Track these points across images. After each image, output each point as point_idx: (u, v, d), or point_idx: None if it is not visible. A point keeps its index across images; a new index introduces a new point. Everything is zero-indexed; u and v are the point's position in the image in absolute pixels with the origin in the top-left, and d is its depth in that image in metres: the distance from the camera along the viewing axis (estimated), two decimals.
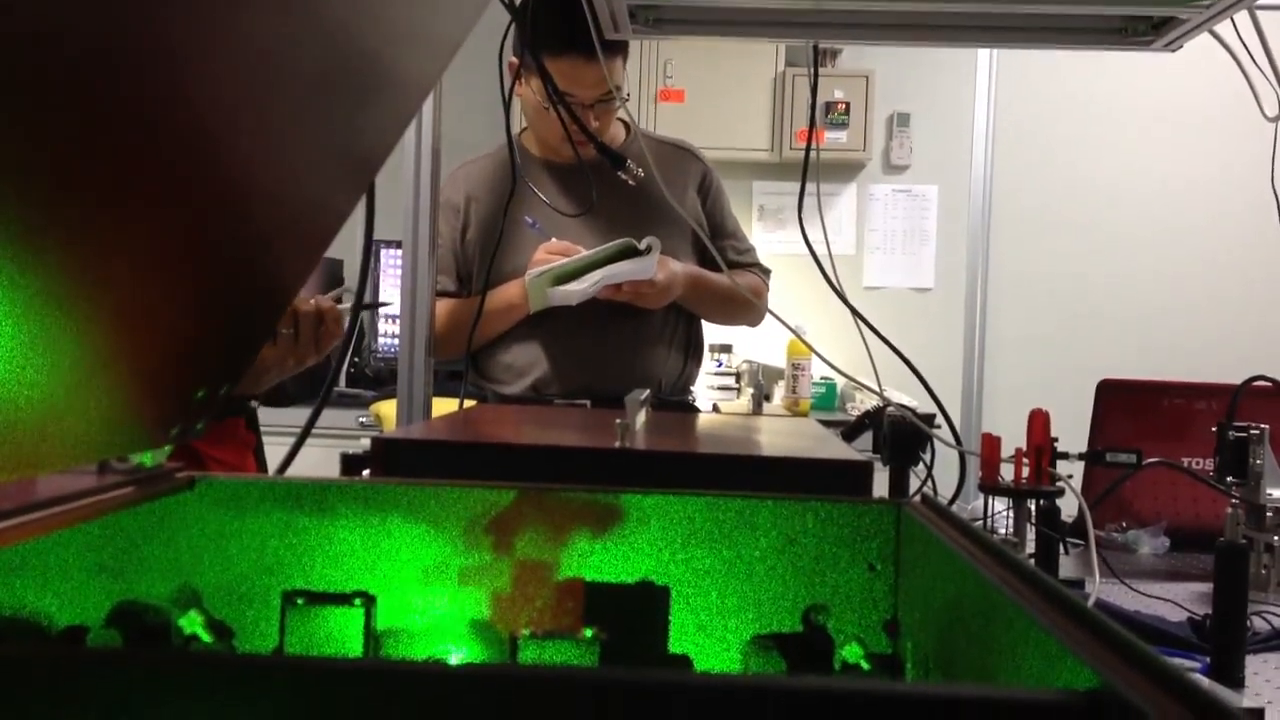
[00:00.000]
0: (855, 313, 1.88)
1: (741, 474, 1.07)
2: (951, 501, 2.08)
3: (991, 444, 1.75)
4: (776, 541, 0.83)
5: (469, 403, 2.25)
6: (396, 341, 3.07)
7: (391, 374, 3.77)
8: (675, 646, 0.84)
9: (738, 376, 4.21)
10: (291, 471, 1.36)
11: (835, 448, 1.24)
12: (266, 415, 1.91)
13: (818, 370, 4.10)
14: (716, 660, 0.84)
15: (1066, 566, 1.88)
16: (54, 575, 0.78)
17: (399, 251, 2.26)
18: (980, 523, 1.90)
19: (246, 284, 0.82)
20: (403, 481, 0.85)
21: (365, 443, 1.13)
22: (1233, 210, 4.56)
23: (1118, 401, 2.20)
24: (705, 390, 4.02)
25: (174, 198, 0.66)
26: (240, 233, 0.77)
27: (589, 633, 0.74)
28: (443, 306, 2.35)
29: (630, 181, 2.24)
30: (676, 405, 2.48)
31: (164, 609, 0.84)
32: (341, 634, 0.81)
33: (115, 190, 0.60)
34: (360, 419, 3.70)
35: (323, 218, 0.87)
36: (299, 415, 2.54)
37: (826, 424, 1.81)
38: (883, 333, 1.88)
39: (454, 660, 0.82)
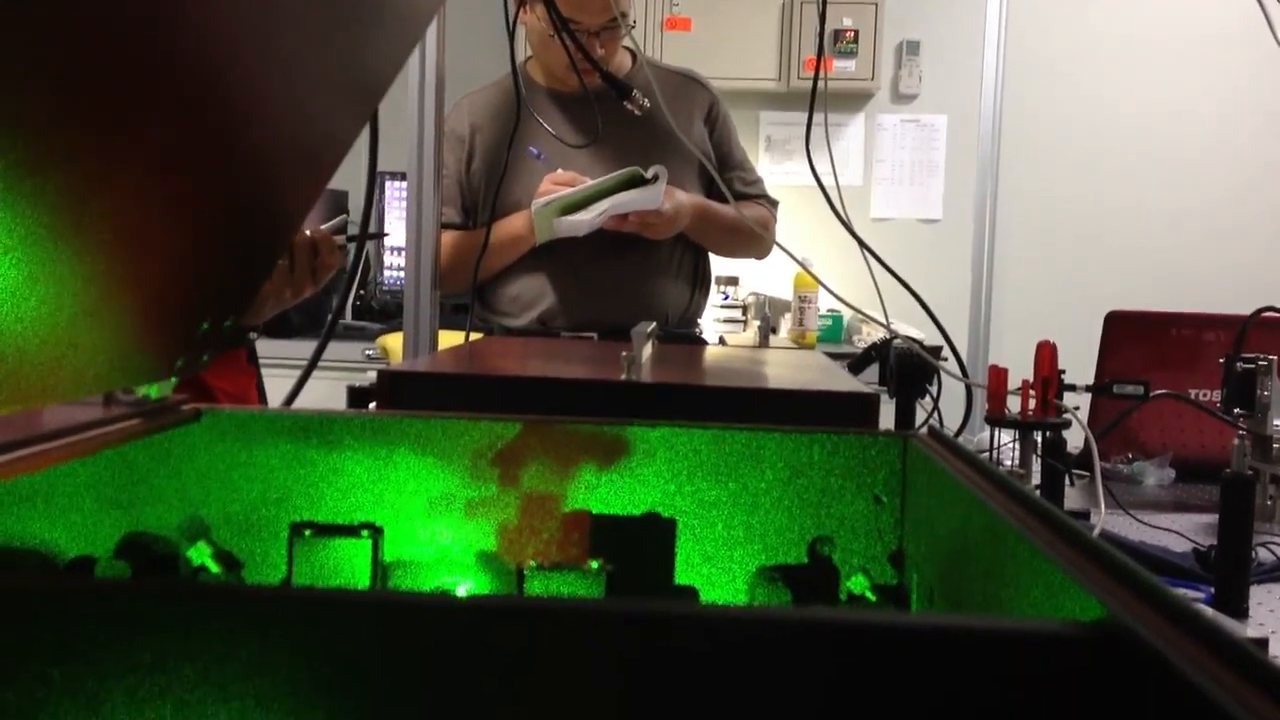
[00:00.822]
0: (862, 244, 1.87)
1: (747, 406, 1.07)
2: (958, 434, 2.09)
3: (998, 376, 1.75)
4: (782, 474, 0.83)
5: (475, 336, 2.25)
6: (402, 274, 3.07)
7: (398, 307, 3.76)
8: (682, 578, 0.84)
9: (744, 309, 4.20)
10: (297, 404, 1.36)
11: (842, 380, 1.24)
12: (271, 348, 1.91)
13: (824, 303, 4.09)
14: (723, 591, 0.84)
15: (1072, 498, 1.88)
16: (62, 507, 0.78)
17: (404, 183, 2.25)
18: (986, 455, 1.91)
19: (250, 214, 0.82)
20: (409, 414, 0.85)
21: (372, 375, 1.13)
22: (1244, 139, 4.52)
23: (1126, 333, 2.19)
24: (711, 323, 4.01)
25: (176, 126, 0.65)
26: (243, 162, 0.76)
27: (595, 564, 0.75)
28: (448, 239, 2.33)
29: (636, 111, 2.22)
30: (683, 338, 2.48)
31: (172, 540, 0.84)
32: (349, 565, 0.82)
33: (117, 120, 0.59)
34: (366, 352, 3.70)
35: (326, 146, 0.87)
36: (303, 348, 2.54)
37: (833, 356, 1.81)
38: (890, 265, 1.87)
39: (461, 591, 0.82)
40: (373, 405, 1.19)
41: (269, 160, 0.79)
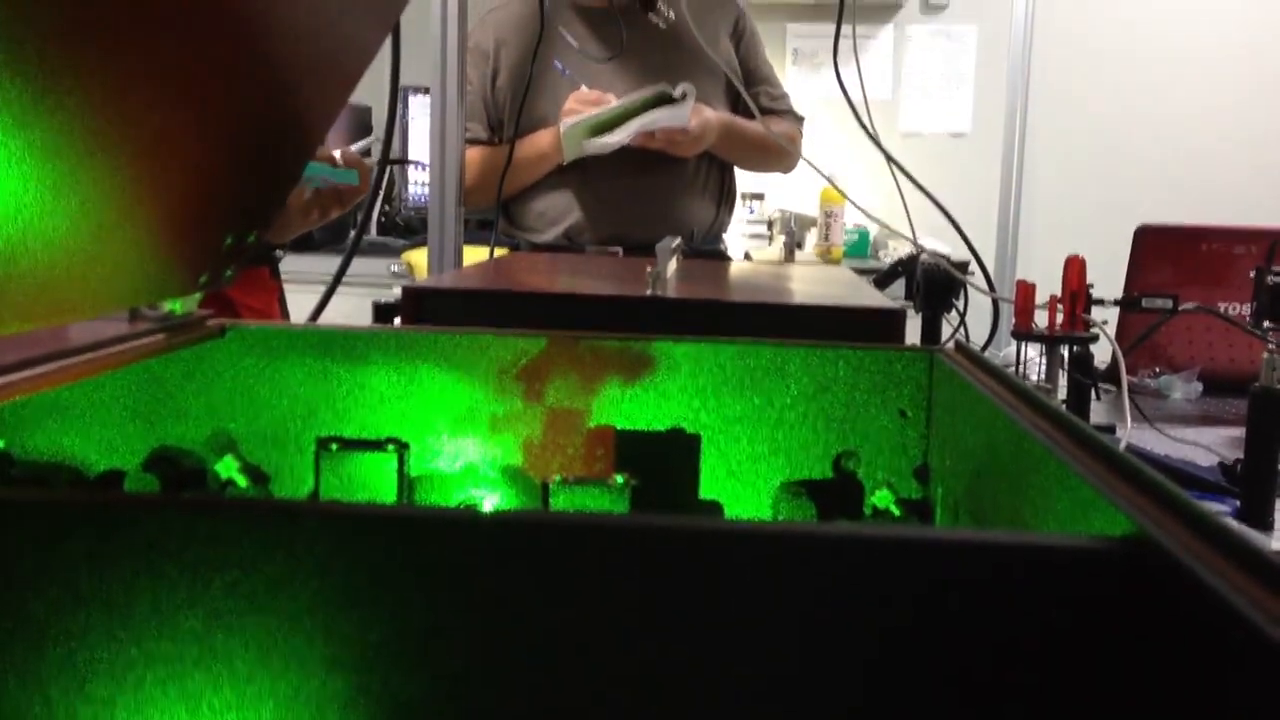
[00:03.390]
0: (889, 158, 1.84)
1: (773, 321, 1.07)
2: (984, 348, 2.08)
3: (1026, 291, 1.73)
4: (808, 389, 0.83)
5: (500, 251, 2.25)
6: (426, 190, 3.05)
7: (422, 222, 3.75)
8: (706, 493, 0.85)
9: (770, 224, 4.17)
10: (322, 320, 1.37)
11: (868, 295, 1.23)
12: (293, 263, 1.91)
13: (850, 218, 4.05)
14: (747, 506, 0.84)
15: (1098, 412, 1.88)
16: (90, 422, 0.79)
17: (427, 97, 2.23)
18: (1013, 369, 1.90)
19: (272, 127, 0.81)
20: (435, 329, 0.85)
21: (396, 291, 1.13)
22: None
23: (1156, 247, 2.17)
24: (737, 238, 3.99)
25: (196, 38, 0.65)
26: (264, 74, 0.75)
27: (620, 479, 0.75)
28: (473, 155, 2.32)
29: (661, 24, 2.19)
30: (708, 254, 2.47)
31: (200, 454, 0.85)
32: (376, 480, 0.82)
33: (137, 32, 0.59)
34: (391, 268, 3.70)
35: (348, 57, 0.86)
36: (327, 263, 2.54)
37: (859, 272, 1.79)
38: (918, 179, 1.85)
39: (486, 506, 0.83)
40: (398, 321, 1.19)
41: (290, 72, 0.79)
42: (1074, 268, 1.69)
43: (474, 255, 2.26)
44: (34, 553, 0.44)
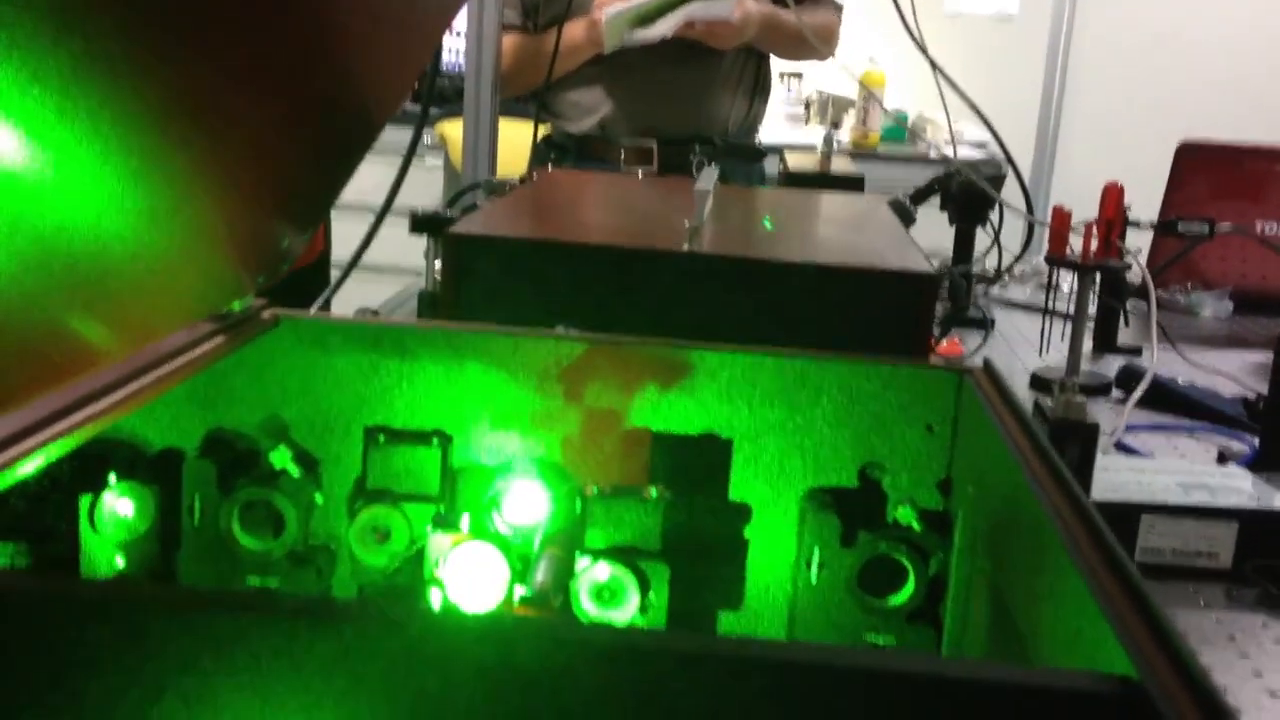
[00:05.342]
0: (934, 66, 1.82)
1: (808, 283, 1.10)
2: (1017, 260, 2.09)
3: (1061, 217, 1.73)
4: (837, 399, 0.86)
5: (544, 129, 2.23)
6: (459, 58, 3.02)
7: (456, 91, 3.71)
8: (735, 495, 0.89)
9: (807, 105, 4.11)
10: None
11: (901, 250, 1.24)
12: None
13: (891, 100, 3.97)
14: (775, 509, 0.88)
15: (1126, 334, 1.90)
16: (147, 404, 0.83)
17: None
18: (1044, 285, 1.91)
19: (337, 125, 0.81)
20: (480, 328, 0.88)
21: (430, 163, 1.14)
22: None
23: (1196, 163, 2.16)
24: (773, 119, 3.92)
25: (269, 41, 0.64)
26: (334, 73, 0.74)
27: (654, 493, 0.78)
28: (508, 42, 2.31)
29: None
30: (743, 150, 2.46)
31: (253, 437, 0.89)
32: (419, 470, 0.86)
33: (211, 43, 0.58)
34: (425, 139, 3.67)
35: (417, 41, 0.86)
36: None
37: (897, 160, 1.76)
38: (962, 62, 1.81)
39: (522, 498, 0.86)
40: (439, 264, 1.21)
41: (361, 62, 0.77)
42: (1111, 196, 1.69)
43: (508, 128, 2.26)
44: (111, 649, 0.48)
